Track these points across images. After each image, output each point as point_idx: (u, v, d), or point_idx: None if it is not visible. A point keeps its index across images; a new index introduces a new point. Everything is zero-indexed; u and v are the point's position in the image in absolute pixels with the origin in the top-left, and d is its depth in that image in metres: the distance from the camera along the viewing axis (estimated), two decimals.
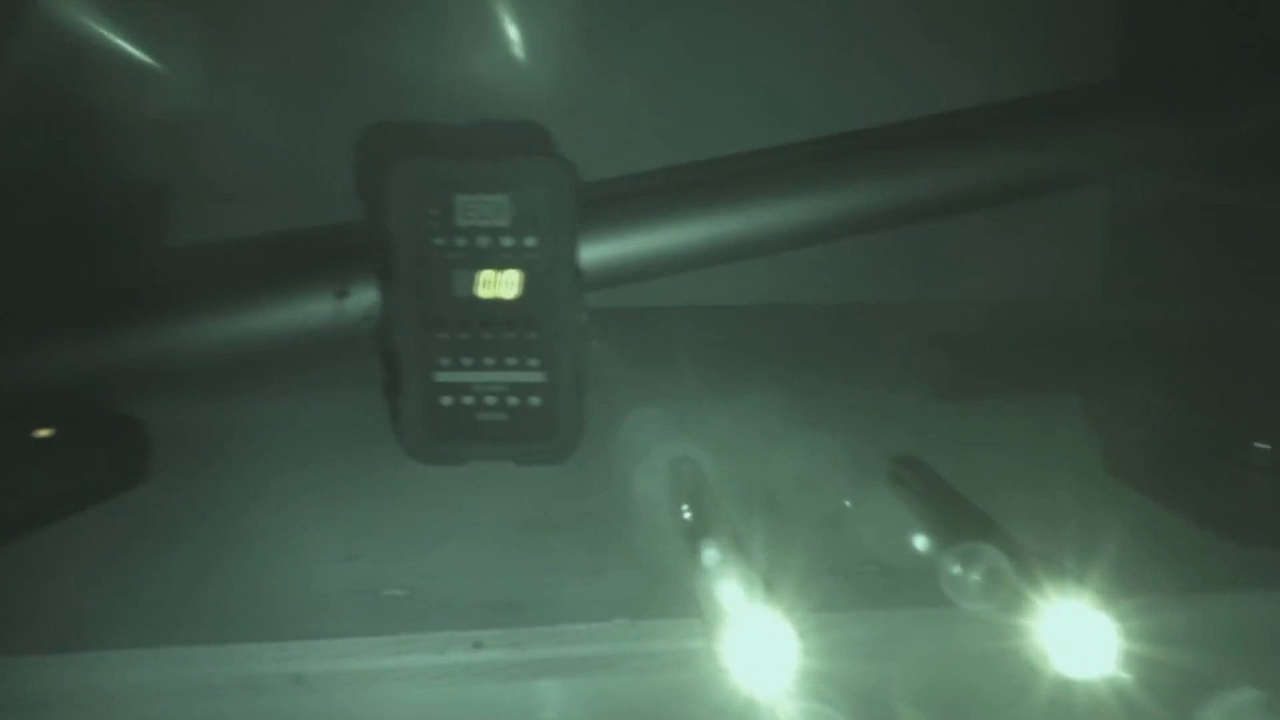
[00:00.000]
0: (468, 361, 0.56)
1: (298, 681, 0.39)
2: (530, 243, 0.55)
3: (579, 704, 0.41)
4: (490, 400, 0.57)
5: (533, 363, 0.56)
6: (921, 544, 0.47)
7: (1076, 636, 0.38)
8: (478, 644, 0.39)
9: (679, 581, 0.42)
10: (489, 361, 0.56)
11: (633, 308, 0.86)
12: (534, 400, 0.57)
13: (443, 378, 0.57)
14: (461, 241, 0.55)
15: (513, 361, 0.56)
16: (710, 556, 0.42)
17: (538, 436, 0.57)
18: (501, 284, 0.56)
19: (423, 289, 0.56)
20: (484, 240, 0.55)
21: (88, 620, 0.40)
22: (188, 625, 0.40)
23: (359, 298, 0.65)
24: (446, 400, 0.57)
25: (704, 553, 0.43)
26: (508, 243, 0.55)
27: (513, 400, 0.57)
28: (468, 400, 0.57)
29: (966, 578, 0.41)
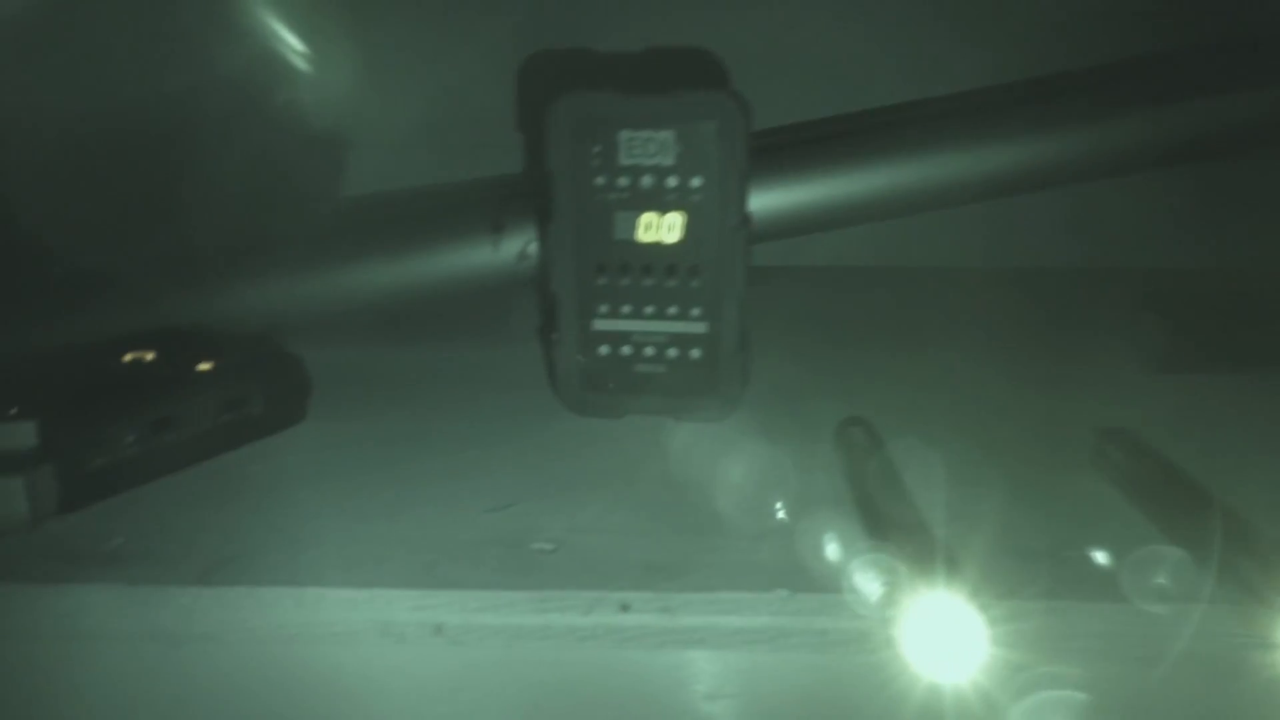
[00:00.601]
0: (627, 309, 0.53)
1: (437, 632, 0.37)
2: (695, 183, 0.51)
3: (733, 679, 0.37)
4: (649, 351, 0.53)
5: (694, 313, 0.53)
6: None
7: None
8: (625, 606, 0.36)
9: (848, 554, 0.37)
10: (649, 310, 0.53)
11: (792, 266, 0.82)
12: (695, 352, 0.53)
13: (600, 326, 0.54)
14: (625, 181, 0.52)
15: (674, 311, 0.53)
16: (883, 529, 0.38)
17: (698, 391, 0.53)
18: (664, 227, 0.52)
19: (582, 232, 0.53)
20: (648, 180, 0.52)
21: (236, 555, 0.39)
22: (333, 566, 0.38)
23: (515, 237, 0.63)
24: (604, 349, 0.54)
25: (876, 524, 0.38)
26: (673, 183, 0.52)
27: (672, 352, 0.53)
28: (626, 350, 0.54)
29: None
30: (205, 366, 0.50)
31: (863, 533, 0.40)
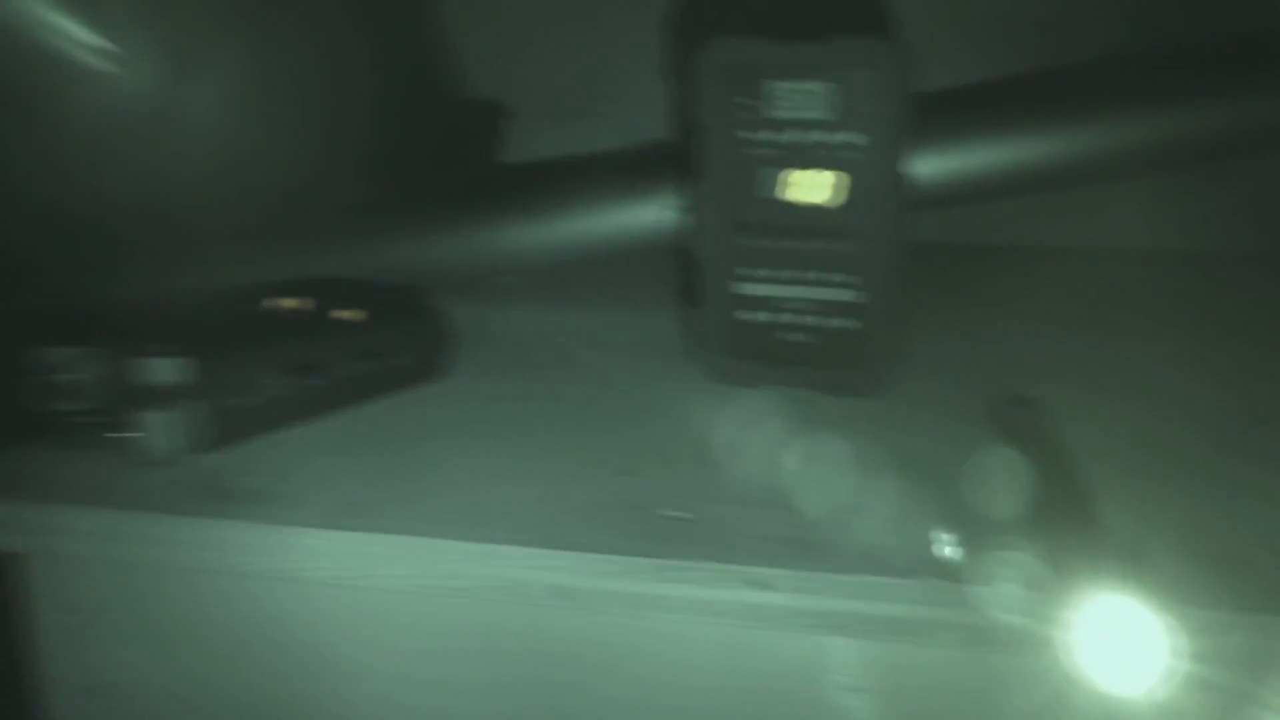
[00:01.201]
0: (771, 273, 0.50)
1: (558, 594, 0.36)
2: (850, 139, 0.48)
3: (875, 671, 0.35)
4: (794, 319, 0.51)
5: (845, 279, 0.50)
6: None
7: None
8: (758, 582, 0.34)
9: (1009, 545, 0.34)
10: (795, 275, 0.50)
11: (952, 244, 0.77)
12: (844, 322, 0.50)
13: (744, 289, 0.51)
14: (773, 136, 0.49)
15: (821, 276, 0.50)
16: (1048, 519, 0.34)
17: (847, 364, 0.50)
18: (812, 185, 0.49)
19: (728, 189, 0.50)
20: (798, 135, 0.49)
21: (364, 501, 0.39)
22: (455, 520, 0.38)
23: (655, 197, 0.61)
24: (746, 315, 0.51)
25: (1041, 514, 0.34)
26: (824, 138, 0.48)
27: (819, 320, 0.50)
28: (769, 317, 0.51)
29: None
30: (351, 315, 0.50)
31: (1025, 523, 0.36)
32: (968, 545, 0.34)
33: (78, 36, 0.55)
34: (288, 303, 0.51)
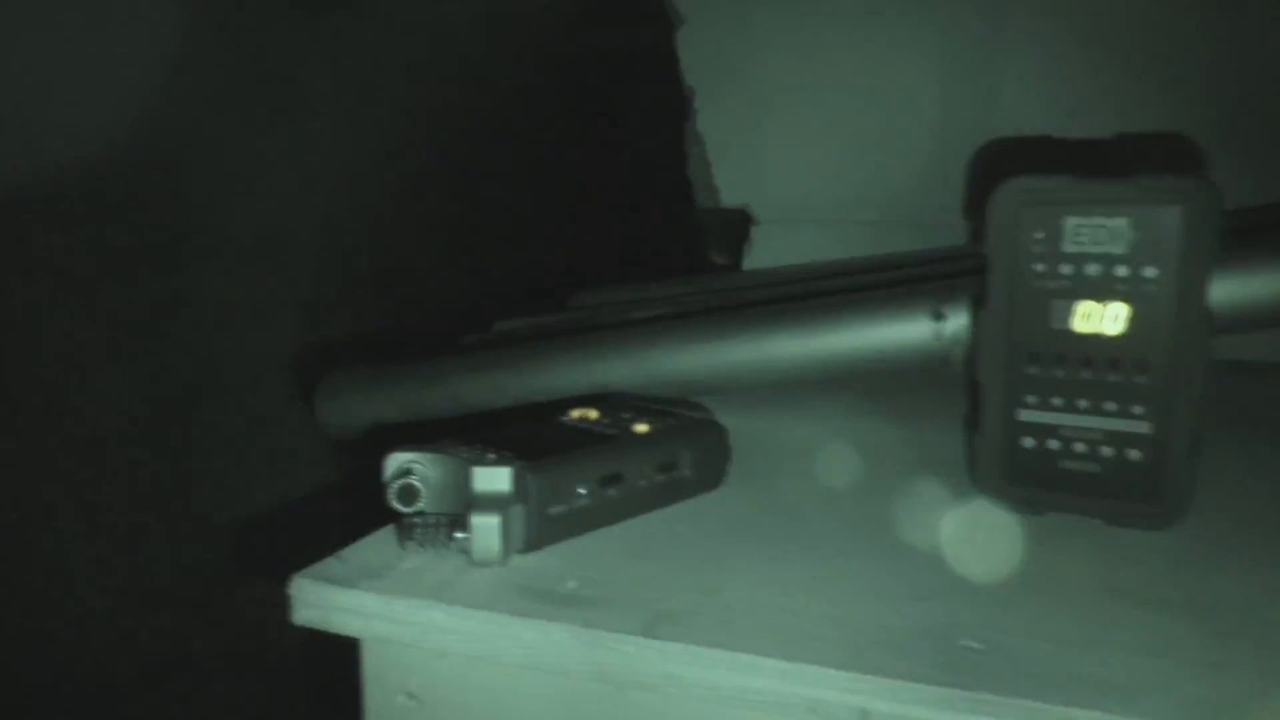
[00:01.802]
0: (1058, 402, 0.51)
1: (864, 716, 0.37)
2: (1149, 273, 0.48)
3: None
4: (1081, 448, 0.50)
5: (1137, 410, 0.49)
6: None
7: None
8: None
9: None
10: (1084, 404, 0.50)
11: (1248, 361, 0.73)
12: (1134, 453, 0.49)
13: (1027, 416, 0.51)
14: (1067, 269, 0.50)
15: (1113, 407, 0.50)
16: None
17: (1136, 496, 0.49)
18: (1105, 318, 0.49)
19: (1017, 319, 0.51)
20: (1094, 269, 0.49)
21: (675, 612, 0.42)
22: (765, 636, 0.40)
23: (955, 322, 0.62)
24: (1029, 442, 0.52)
25: None
26: (1122, 272, 0.49)
27: (1108, 450, 0.50)
28: (1054, 444, 0.51)
29: None
30: (643, 429, 0.54)
31: None
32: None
33: None
34: (590, 414, 0.56)
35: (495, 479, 0.47)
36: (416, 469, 0.48)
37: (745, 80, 1.01)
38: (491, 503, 0.46)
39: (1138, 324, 0.49)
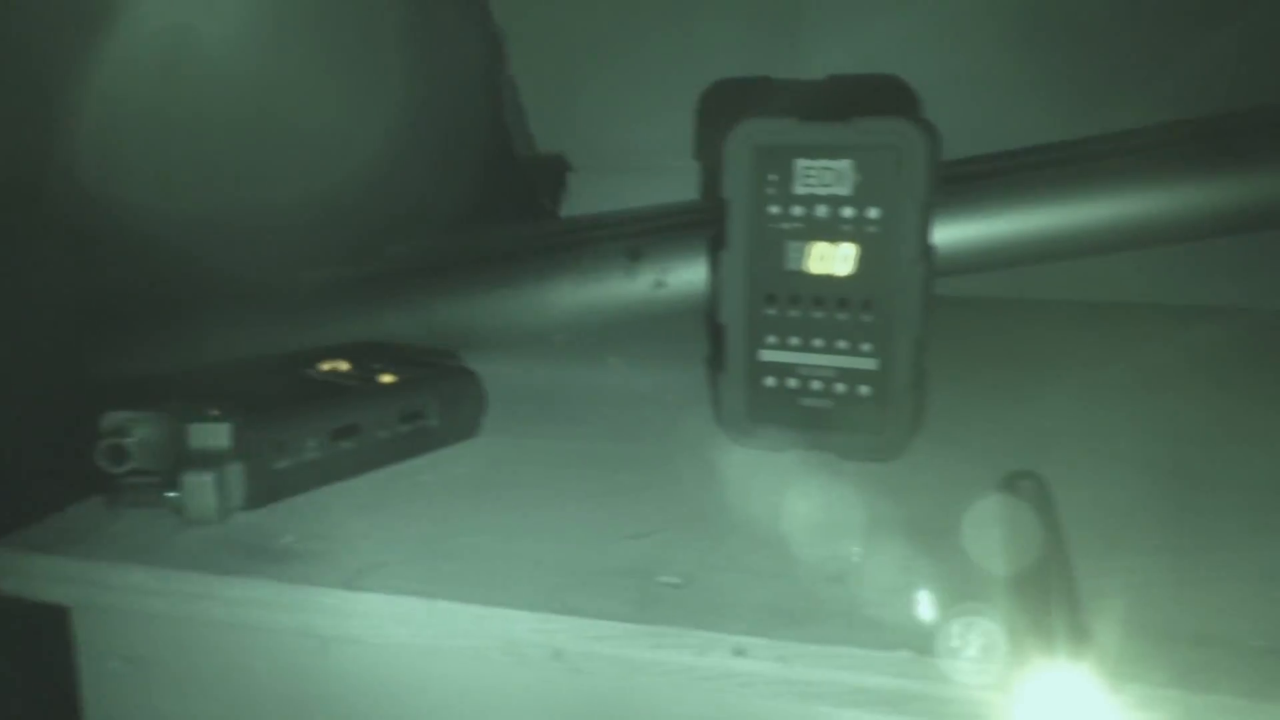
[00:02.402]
0: (795, 341, 0.52)
1: (557, 656, 0.37)
2: (873, 214, 0.49)
3: None
4: (816, 385, 0.52)
5: (866, 348, 0.50)
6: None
7: None
8: (739, 650, 0.35)
9: (996, 620, 0.34)
10: (818, 343, 0.51)
11: (968, 297, 0.76)
12: (863, 389, 0.51)
13: (768, 356, 0.52)
14: (799, 210, 0.51)
15: (843, 345, 0.51)
16: (1021, 593, 0.34)
17: (865, 429, 0.51)
18: (837, 258, 0.50)
19: (754, 261, 0.52)
20: (823, 210, 0.50)
21: (386, 562, 0.41)
22: (461, 581, 0.40)
23: (650, 263, 0.63)
24: (770, 381, 0.53)
25: (1016, 588, 0.35)
26: (848, 213, 0.50)
27: (840, 387, 0.51)
28: (792, 383, 0.52)
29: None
30: (389, 379, 0.53)
31: (1001, 594, 0.36)
32: (944, 615, 0.35)
33: None
34: (330, 367, 0.54)
35: (214, 435, 0.45)
36: (132, 428, 0.46)
37: (557, 28, 0.99)
38: (207, 459, 0.45)
39: (865, 264, 0.50)
